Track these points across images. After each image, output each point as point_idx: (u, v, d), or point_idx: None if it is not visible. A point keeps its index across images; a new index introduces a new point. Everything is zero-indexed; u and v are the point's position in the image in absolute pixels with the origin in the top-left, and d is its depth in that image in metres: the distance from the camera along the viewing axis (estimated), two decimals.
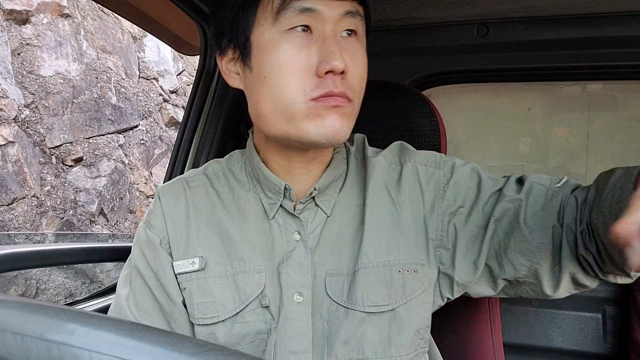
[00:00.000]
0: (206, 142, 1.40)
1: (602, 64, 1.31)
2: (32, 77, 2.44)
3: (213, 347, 0.25)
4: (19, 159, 2.32)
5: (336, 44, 0.65)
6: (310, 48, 0.65)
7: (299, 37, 0.65)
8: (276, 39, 0.66)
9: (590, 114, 1.55)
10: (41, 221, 2.44)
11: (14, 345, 0.26)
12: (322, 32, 0.66)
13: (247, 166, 0.80)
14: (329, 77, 0.65)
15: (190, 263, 0.73)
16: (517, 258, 0.70)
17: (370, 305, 0.70)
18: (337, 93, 0.65)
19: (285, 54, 0.65)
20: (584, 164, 1.55)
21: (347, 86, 0.66)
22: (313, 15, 0.65)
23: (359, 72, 0.69)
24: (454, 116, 1.62)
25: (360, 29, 0.70)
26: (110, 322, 0.27)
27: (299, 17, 0.65)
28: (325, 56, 0.64)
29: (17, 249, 1.10)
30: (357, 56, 0.69)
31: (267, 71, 0.67)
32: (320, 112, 0.65)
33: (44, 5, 2.52)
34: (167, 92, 3.54)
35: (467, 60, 1.39)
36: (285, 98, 0.66)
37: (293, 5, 0.64)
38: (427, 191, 0.76)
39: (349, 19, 0.67)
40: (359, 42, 0.70)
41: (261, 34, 0.67)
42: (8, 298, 0.29)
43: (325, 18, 0.66)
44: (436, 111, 1.02)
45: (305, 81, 0.65)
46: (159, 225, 0.76)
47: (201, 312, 0.72)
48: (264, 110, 0.69)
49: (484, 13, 1.27)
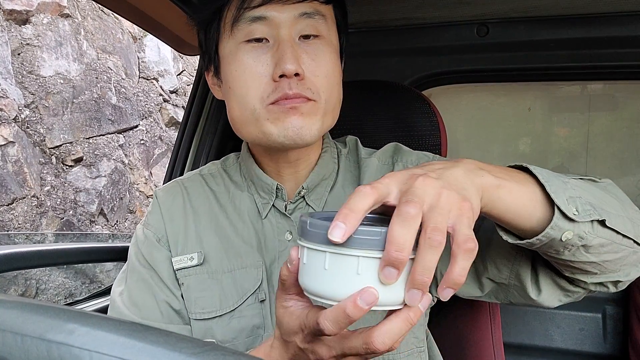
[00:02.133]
0: (206, 142, 1.40)
1: (602, 64, 1.31)
2: (32, 77, 2.44)
3: (213, 347, 0.25)
4: (19, 159, 2.32)
5: (290, 47, 0.67)
6: (266, 54, 0.68)
7: (255, 47, 0.69)
8: (235, 50, 0.70)
9: (590, 114, 1.55)
10: (41, 221, 2.44)
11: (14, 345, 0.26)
12: (277, 37, 0.68)
13: (242, 168, 0.82)
14: (283, 80, 0.67)
15: (188, 258, 0.75)
16: (499, 259, 0.71)
17: None
18: (292, 95, 0.67)
19: (243, 64, 0.69)
20: (584, 164, 1.55)
21: (306, 87, 0.68)
22: (265, 22, 0.68)
23: (324, 71, 0.70)
24: (454, 116, 1.62)
25: (323, 30, 0.71)
26: (110, 322, 0.27)
27: (252, 27, 0.68)
28: (278, 61, 0.67)
29: (17, 249, 1.10)
30: (320, 57, 0.70)
31: (230, 81, 0.71)
32: (279, 115, 0.68)
33: (44, 5, 2.52)
34: (167, 92, 3.54)
35: (467, 60, 1.39)
36: (247, 105, 0.69)
37: (244, 15, 0.68)
38: None
39: (305, 21, 0.69)
40: (323, 43, 0.71)
41: (224, 47, 0.71)
42: (8, 298, 0.29)
43: (278, 23, 0.68)
44: (436, 111, 1.02)
45: (263, 87, 0.68)
46: (157, 223, 0.78)
47: (199, 306, 0.73)
48: (234, 117, 0.73)
49: (484, 13, 1.27)
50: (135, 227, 0.83)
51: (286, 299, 0.52)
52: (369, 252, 0.44)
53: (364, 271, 0.44)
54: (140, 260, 0.77)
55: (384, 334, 0.46)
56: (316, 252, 0.46)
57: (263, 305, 0.73)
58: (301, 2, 0.68)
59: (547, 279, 0.68)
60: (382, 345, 0.45)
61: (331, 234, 0.43)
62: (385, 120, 1.04)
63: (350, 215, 0.43)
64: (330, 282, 0.46)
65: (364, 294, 0.44)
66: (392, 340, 0.46)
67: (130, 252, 0.79)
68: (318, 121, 0.70)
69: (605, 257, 0.58)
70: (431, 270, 0.43)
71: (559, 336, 1.40)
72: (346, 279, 0.45)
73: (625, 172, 1.52)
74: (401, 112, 1.04)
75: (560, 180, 0.56)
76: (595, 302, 1.36)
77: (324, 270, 0.46)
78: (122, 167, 3.01)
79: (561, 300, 0.70)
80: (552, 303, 0.70)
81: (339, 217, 0.43)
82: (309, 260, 0.47)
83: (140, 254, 0.77)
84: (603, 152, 1.53)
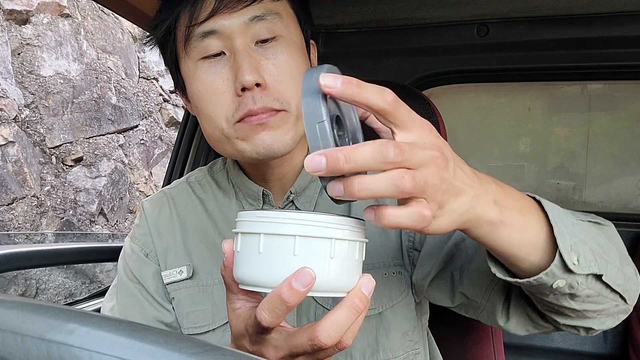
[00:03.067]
0: (206, 142, 1.40)
1: (602, 64, 1.31)
2: (32, 77, 2.44)
3: (212, 347, 0.25)
4: (19, 159, 2.32)
5: (247, 56, 0.64)
6: (224, 69, 0.65)
7: (212, 62, 0.66)
8: (193, 68, 0.67)
9: (590, 114, 1.55)
10: (41, 221, 2.44)
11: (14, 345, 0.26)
12: (232, 48, 0.65)
13: (228, 174, 0.80)
14: (246, 94, 0.64)
15: (178, 272, 0.73)
16: (478, 277, 0.68)
17: None
18: (257, 109, 0.64)
19: (204, 83, 0.66)
20: (584, 164, 1.55)
21: (272, 97, 0.65)
22: (217, 35, 0.64)
23: (288, 74, 0.66)
24: (454, 116, 1.62)
25: (280, 29, 0.67)
26: (110, 322, 0.27)
27: (204, 42, 0.65)
28: (236, 73, 0.63)
29: (17, 249, 1.10)
30: (282, 59, 0.66)
31: (196, 101, 0.68)
32: (247, 133, 0.65)
33: (44, 5, 2.52)
34: (167, 92, 3.54)
35: (467, 60, 1.39)
36: (215, 124, 0.67)
37: (195, 32, 0.65)
38: None
39: (257, 24, 0.65)
40: (282, 44, 0.67)
41: (184, 67, 0.69)
42: (8, 298, 0.29)
43: (229, 34, 0.64)
44: (436, 111, 1.02)
45: (226, 105, 0.65)
46: (144, 237, 0.77)
47: (191, 321, 0.72)
48: (207, 135, 0.71)
49: (484, 13, 1.27)
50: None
51: (234, 300, 0.49)
52: (306, 229, 0.41)
53: (302, 252, 0.41)
54: (128, 275, 0.76)
55: (329, 326, 0.42)
56: (250, 236, 0.43)
57: None
58: (249, 6, 0.64)
59: (519, 310, 0.65)
60: (329, 339, 0.42)
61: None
62: None
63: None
64: (265, 267, 0.42)
65: (299, 274, 0.41)
66: (339, 333, 0.43)
67: (119, 266, 0.78)
68: (290, 130, 0.67)
69: (587, 307, 0.56)
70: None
71: (559, 336, 1.40)
72: (282, 261, 0.41)
73: (625, 172, 1.52)
74: None
75: (569, 220, 0.53)
76: None
77: (258, 255, 0.42)
78: (122, 167, 3.01)
79: (529, 331, 0.67)
80: (519, 332, 0.67)
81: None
82: (242, 247, 0.44)
83: (129, 269, 0.76)
84: (603, 152, 1.53)
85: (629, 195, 1.51)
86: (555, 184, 1.58)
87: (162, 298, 0.74)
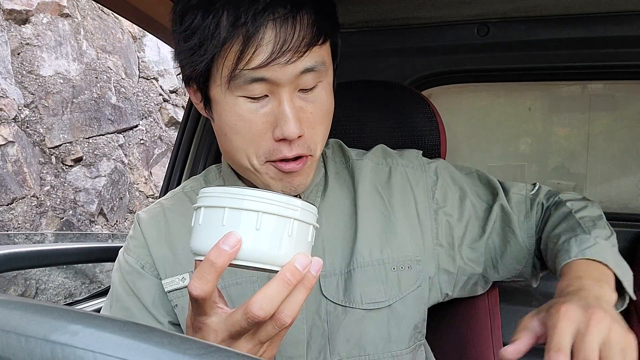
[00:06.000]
0: (206, 142, 1.40)
1: (602, 64, 1.31)
2: (32, 77, 2.44)
3: (217, 348, 0.25)
4: (18, 158, 2.32)
5: (292, 107, 0.63)
6: (265, 109, 0.64)
7: (253, 102, 0.64)
8: (232, 102, 0.64)
9: (590, 114, 1.55)
10: (41, 221, 2.44)
11: (17, 346, 0.26)
12: (277, 94, 0.63)
13: (225, 183, 0.80)
14: (283, 142, 0.65)
15: (180, 279, 0.73)
16: (512, 263, 0.81)
17: (368, 302, 0.73)
18: (292, 157, 0.65)
19: (242, 119, 0.64)
20: (584, 164, 1.55)
21: (305, 144, 0.66)
22: (265, 82, 0.62)
23: (321, 119, 0.67)
24: (454, 116, 1.62)
25: (323, 76, 0.67)
26: (115, 324, 0.27)
27: (251, 85, 0.62)
28: (279, 122, 0.63)
29: (17, 249, 1.10)
30: (319, 105, 0.67)
31: (226, 130, 0.67)
32: (278, 174, 0.67)
33: (44, 5, 2.52)
34: (167, 92, 3.54)
35: (467, 60, 1.39)
36: (243, 158, 0.67)
37: (243, 75, 0.62)
38: (417, 193, 0.80)
39: (307, 75, 0.64)
40: (322, 88, 0.67)
41: (218, 94, 0.65)
42: (12, 299, 0.29)
43: (280, 83, 0.62)
44: (436, 111, 1.02)
45: (261, 145, 0.65)
46: (139, 249, 0.76)
47: None
48: (230, 157, 0.71)
49: (484, 13, 1.27)
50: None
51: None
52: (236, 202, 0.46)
53: (229, 222, 0.46)
54: (124, 287, 0.75)
55: (261, 298, 0.45)
56: (195, 211, 0.49)
57: None
58: (302, 57, 0.62)
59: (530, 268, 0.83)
60: (260, 311, 0.44)
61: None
62: (385, 120, 1.04)
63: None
64: (202, 236, 0.47)
65: (226, 237, 0.44)
66: (271, 305, 0.45)
67: (113, 279, 0.78)
68: (312, 171, 0.71)
69: None
70: None
71: None
72: (214, 231, 0.46)
73: (625, 172, 1.52)
74: (400, 112, 1.04)
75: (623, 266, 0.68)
76: None
77: (198, 226, 0.48)
78: (122, 167, 3.01)
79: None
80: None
81: None
82: (194, 221, 0.49)
83: (124, 281, 0.75)
84: (603, 152, 1.54)
85: (629, 195, 1.51)
86: (555, 184, 1.58)
87: (158, 311, 0.74)
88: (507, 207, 0.81)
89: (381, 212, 0.77)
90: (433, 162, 0.85)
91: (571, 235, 0.70)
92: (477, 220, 0.81)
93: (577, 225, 0.72)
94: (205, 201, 0.48)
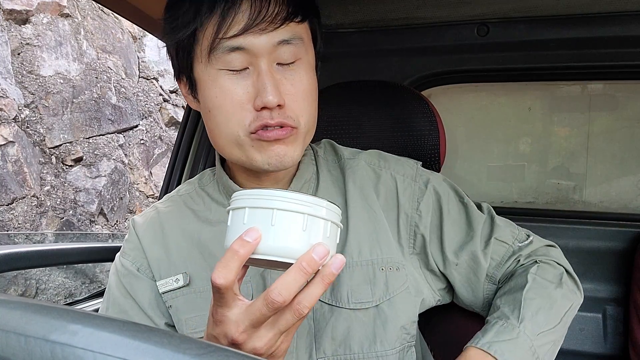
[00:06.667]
0: (206, 142, 1.40)
1: (602, 64, 1.31)
2: (32, 77, 2.44)
3: (217, 348, 0.25)
4: (18, 158, 2.32)
5: (270, 77, 0.66)
6: (246, 81, 0.67)
7: (234, 74, 0.67)
8: (213, 76, 0.68)
9: (590, 114, 1.55)
10: (41, 221, 2.44)
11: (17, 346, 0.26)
12: (257, 65, 0.67)
13: (219, 184, 0.82)
14: (264, 111, 0.67)
15: (174, 280, 0.74)
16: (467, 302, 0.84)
17: (355, 302, 0.73)
18: (274, 124, 0.67)
19: (222, 91, 0.68)
20: (584, 164, 1.55)
21: (287, 115, 0.68)
22: (243, 52, 0.66)
23: (302, 95, 0.70)
24: (454, 116, 1.62)
25: (301, 53, 0.70)
26: (114, 323, 0.27)
27: (230, 56, 0.66)
28: (259, 91, 0.66)
29: (17, 249, 1.10)
30: (299, 81, 0.70)
31: (209, 106, 0.70)
32: (263, 145, 0.69)
33: (44, 5, 2.52)
34: (167, 92, 3.54)
35: (467, 60, 1.39)
36: (228, 131, 0.69)
37: (222, 44, 0.66)
38: (402, 200, 0.80)
39: (283, 48, 0.67)
40: (301, 66, 0.70)
41: (201, 72, 0.69)
42: (11, 299, 0.29)
43: (256, 53, 0.66)
44: (435, 111, 1.02)
45: (244, 115, 0.68)
46: (135, 252, 0.77)
47: (190, 326, 0.73)
48: (216, 139, 0.73)
49: (484, 13, 1.27)
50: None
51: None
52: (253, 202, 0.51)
53: (249, 220, 0.51)
54: (120, 290, 0.76)
55: (280, 284, 0.47)
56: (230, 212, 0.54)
57: None
58: (278, 28, 0.66)
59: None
60: (279, 296, 0.47)
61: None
62: (385, 120, 1.04)
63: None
64: (230, 235, 0.52)
65: (248, 231, 0.49)
66: (288, 292, 0.47)
67: (110, 282, 0.79)
68: (299, 146, 0.72)
69: None
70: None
71: None
72: (236, 229, 0.51)
73: (625, 172, 1.52)
74: (400, 112, 1.04)
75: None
76: (596, 302, 1.36)
77: (227, 228, 0.53)
78: (122, 167, 3.01)
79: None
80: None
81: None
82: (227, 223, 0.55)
83: (121, 284, 0.76)
84: (603, 152, 1.53)
85: (629, 195, 1.51)
86: (555, 184, 1.58)
87: (155, 312, 0.75)
88: (477, 254, 0.79)
89: (370, 212, 0.78)
90: (429, 174, 0.84)
91: (502, 316, 0.73)
92: (445, 253, 0.81)
93: (517, 308, 0.73)
94: (232, 204, 0.53)
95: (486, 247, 0.80)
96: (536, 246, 0.83)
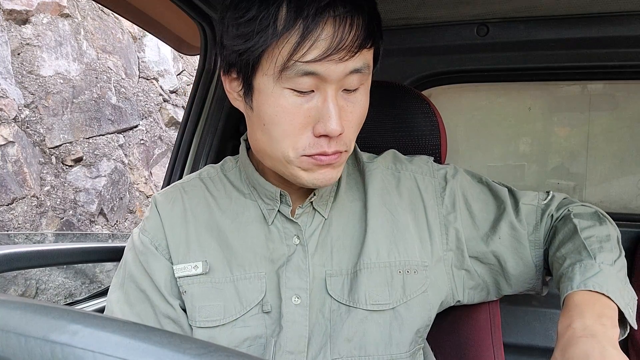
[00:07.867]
0: (206, 142, 1.40)
1: (602, 64, 1.31)
2: (32, 77, 2.44)
3: (217, 348, 0.25)
4: (18, 159, 2.32)
5: (335, 105, 0.64)
6: (309, 104, 0.64)
7: (298, 96, 0.64)
8: (277, 93, 0.64)
9: (590, 114, 1.55)
10: (41, 221, 2.44)
11: (17, 346, 0.25)
12: (324, 90, 0.64)
13: (242, 173, 0.80)
14: (323, 138, 0.65)
15: (192, 267, 0.74)
16: (523, 277, 0.82)
17: (373, 304, 0.73)
18: (331, 153, 0.66)
19: (284, 110, 0.64)
20: (584, 163, 1.55)
21: (342, 142, 0.67)
22: (315, 77, 0.63)
23: (358, 120, 0.69)
24: (454, 116, 1.62)
25: (366, 79, 0.68)
26: (114, 323, 0.26)
27: (301, 79, 0.62)
28: (322, 118, 0.64)
29: (17, 249, 1.10)
30: (358, 107, 0.68)
31: (266, 120, 0.66)
32: (312, 167, 0.67)
33: (44, 5, 2.52)
34: (167, 92, 3.54)
35: (467, 60, 1.39)
36: (279, 149, 0.67)
37: (296, 67, 0.62)
38: (426, 198, 0.81)
39: (354, 75, 0.65)
40: (363, 92, 0.69)
41: (264, 83, 0.65)
42: (11, 299, 0.29)
43: (328, 79, 0.63)
44: (436, 111, 1.02)
45: (300, 139, 0.65)
46: (155, 230, 0.76)
47: (203, 315, 0.73)
48: (261, 148, 0.70)
49: (484, 13, 1.27)
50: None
51: None
52: None
53: None
54: (138, 267, 0.75)
55: None
56: None
57: (268, 316, 0.73)
58: (354, 57, 0.63)
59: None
60: None
61: None
62: (385, 120, 1.04)
63: None
64: None
65: None
66: None
67: (126, 258, 0.78)
68: (343, 166, 0.72)
69: None
70: None
71: None
72: None
73: (625, 172, 1.52)
74: (401, 112, 1.04)
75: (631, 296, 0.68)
76: None
77: None
78: (122, 167, 3.01)
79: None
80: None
81: None
82: None
83: (138, 262, 0.75)
84: (603, 151, 1.54)
85: (629, 195, 1.51)
86: (555, 183, 1.58)
87: (169, 293, 0.74)
88: (514, 222, 0.80)
89: (391, 215, 0.78)
90: (443, 168, 0.85)
91: (576, 260, 0.70)
92: (483, 232, 0.81)
93: (583, 248, 0.71)
94: None
95: (519, 215, 0.81)
96: (559, 198, 0.84)
